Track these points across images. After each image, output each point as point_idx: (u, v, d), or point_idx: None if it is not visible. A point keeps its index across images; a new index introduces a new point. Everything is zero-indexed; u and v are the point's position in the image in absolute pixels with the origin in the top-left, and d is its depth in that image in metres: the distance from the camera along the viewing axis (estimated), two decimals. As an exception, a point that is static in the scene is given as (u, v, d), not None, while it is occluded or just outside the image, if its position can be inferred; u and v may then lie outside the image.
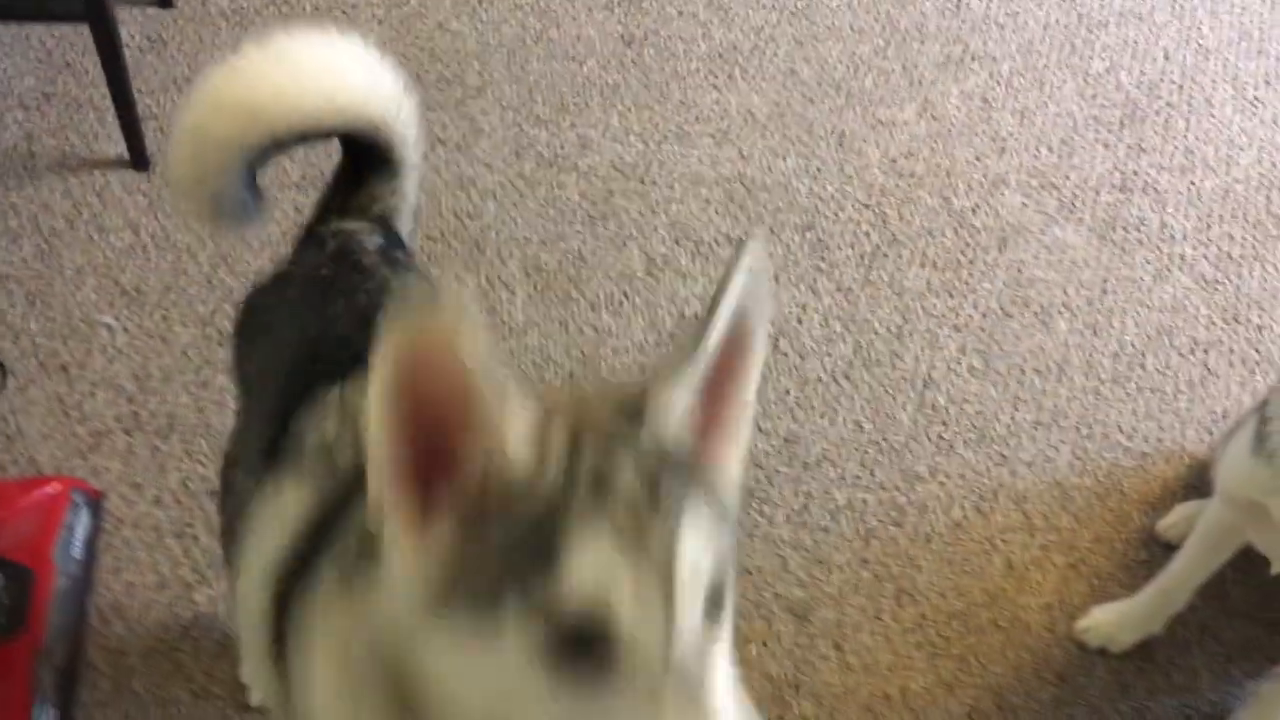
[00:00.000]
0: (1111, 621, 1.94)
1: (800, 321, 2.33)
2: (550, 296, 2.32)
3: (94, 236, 2.31)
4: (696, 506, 0.75)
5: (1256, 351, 2.34)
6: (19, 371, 2.10)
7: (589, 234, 2.43)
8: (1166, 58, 2.91)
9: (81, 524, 1.87)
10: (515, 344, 2.24)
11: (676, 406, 0.79)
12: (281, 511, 1.05)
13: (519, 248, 2.39)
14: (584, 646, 0.70)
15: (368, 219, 1.36)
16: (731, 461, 0.84)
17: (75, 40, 2.62)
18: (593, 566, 0.70)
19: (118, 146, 2.42)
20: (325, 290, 1.26)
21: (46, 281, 2.23)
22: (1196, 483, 2.13)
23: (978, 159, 2.63)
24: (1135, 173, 2.64)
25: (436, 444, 0.75)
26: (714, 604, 0.75)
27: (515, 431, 0.74)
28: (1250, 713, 1.85)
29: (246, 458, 1.20)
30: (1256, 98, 2.84)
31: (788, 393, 2.22)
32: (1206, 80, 2.86)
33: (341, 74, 1.30)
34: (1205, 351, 2.33)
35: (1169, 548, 2.00)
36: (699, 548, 0.73)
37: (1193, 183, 2.63)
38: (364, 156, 1.37)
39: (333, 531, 0.95)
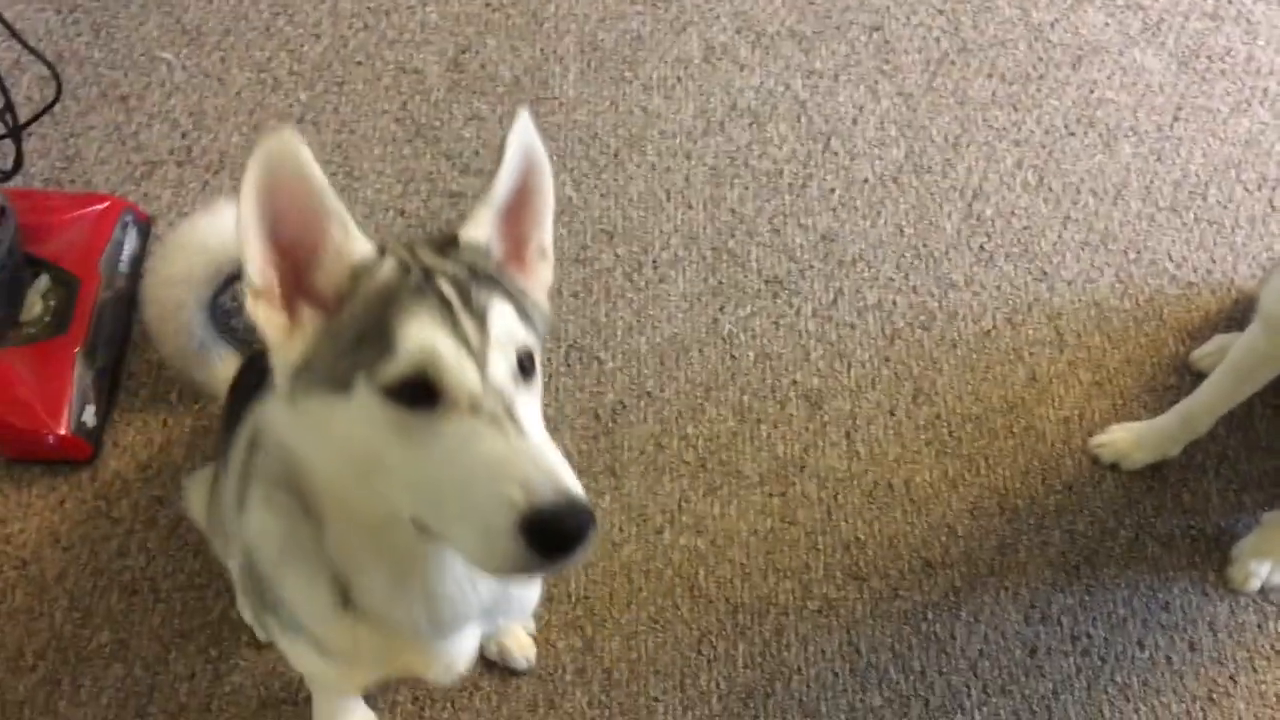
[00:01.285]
0: (1129, 439, 1.93)
1: (855, 123, 2.28)
2: (603, 75, 2.30)
3: (160, -25, 2.33)
4: (497, 296, 0.96)
5: (1329, 194, 2.25)
6: (80, 97, 2.15)
7: (650, 16, 2.38)
8: (1287, -117, 2.71)
9: (130, 242, 1.95)
10: (563, 119, 2.23)
11: (478, 236, 1.02)
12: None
13: (577, 24, 2.36)
14: (418, 394, 0.90)
15: None
16: (535, 288, 1.07)
17: None
18: (419, 335, 0.90)
19: (188, -112, 2.42)
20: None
21: (112, 14, 2.27)
22: (1239, 316, 2.08)
23: (1065, -27, 2.52)
24: (1229, 1, 2.50)
25: (297, 246, 0.95)
26: (523, 370, 0.95)
27: (357, 235, 0.96)
28: (1254, 538, 1.84)
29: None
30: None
31: (832, 191, 2.19)
32: (1327, -89, 2.67)
33: None
34: (1273, 189, 2.24)
35: (1200, 377, 1.97)
36: (500, 324, 0.94)
37: (1292, 16, 2.49)
38: None
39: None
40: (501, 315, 0.94)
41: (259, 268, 0.93)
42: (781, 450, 1.92)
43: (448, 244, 1.01)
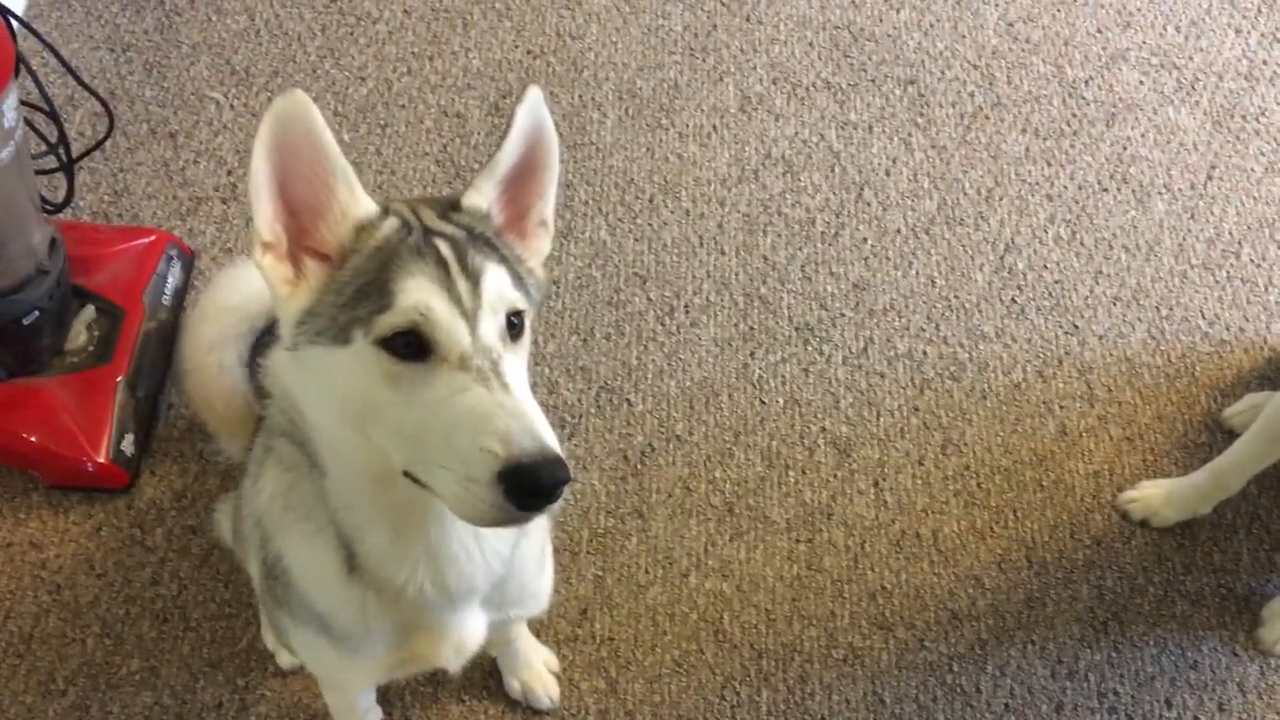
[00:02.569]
0: (1159, 497, 1.92)
1: (888, 174, 2.30)
2: (640, 122, 2.34)
3: (212, 17, 2.39)
4: (492, 260, 1.01)
5: (1364, 256, 2.25)
6: (131, 133, 2.21)
7: (687, 65, 2.43)
8: (1323, -53, 2.74)
9: (173, 275, 1.99)
10: (600, 164, 2.27)
11: (481, 201, 1.06)
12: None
13: (616, 72, 2.40)
14: (411, 346, 0.95)
15: None
16: (532, 255, 1.12)
17: None
18: (416, 293, 0.95)
19: (242, -65, 2.49)
20: None
21: (164, 54, 2.33)
22: (1272, 375, 2.08)
23: (1100, 31, 2.54)
24: (1265, 62, 2.51)
25: (304, 202, 0.99)
26: (513, 329, 1.00)
27: (362, 193, 1.00)
28: (1285, 599, 1.83)
29: None
30: None
31: (864, 241, 2.21)
32: (1363, -25, 2.69)
33: None
34: (1308, 249, 2.25)
35: (1232, 435, 1.96)
36: (492, 287, 0.98)
37: (1327, 78, 2.50)
38: None
39: None
40: (495, 278, 0.99)
41: (268, 222, 0.98)
42: (809, 497, 1.92)
43: (450, 207, 1.05)
